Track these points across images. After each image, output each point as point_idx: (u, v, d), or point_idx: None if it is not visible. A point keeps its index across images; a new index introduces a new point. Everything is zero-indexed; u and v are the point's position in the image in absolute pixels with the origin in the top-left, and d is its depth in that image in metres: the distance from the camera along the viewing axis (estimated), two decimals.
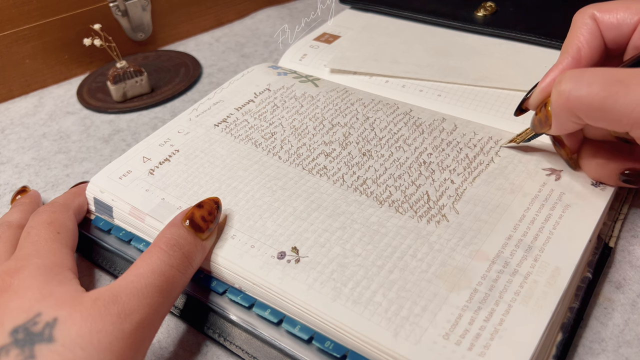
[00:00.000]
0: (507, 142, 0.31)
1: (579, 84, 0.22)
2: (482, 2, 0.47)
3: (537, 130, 0.27)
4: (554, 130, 0.26)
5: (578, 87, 0.22)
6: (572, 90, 0.23)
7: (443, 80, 0.39)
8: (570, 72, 0.23)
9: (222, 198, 0.29)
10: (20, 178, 0.40)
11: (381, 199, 0.28)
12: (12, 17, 0.47)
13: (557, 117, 0.25)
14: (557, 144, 0.29)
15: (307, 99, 0.37)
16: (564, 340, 0.23)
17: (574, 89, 0.23)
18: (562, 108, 0.23)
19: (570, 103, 0.23)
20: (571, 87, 0.23)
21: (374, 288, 0.24)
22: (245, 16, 0.61)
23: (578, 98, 0.22)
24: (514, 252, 0.25)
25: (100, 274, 0.31)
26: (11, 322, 0.21)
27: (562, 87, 0.23)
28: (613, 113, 0.22)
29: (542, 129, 0.27)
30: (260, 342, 0.25)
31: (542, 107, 0.26)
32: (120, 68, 0.45)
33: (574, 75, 0.23)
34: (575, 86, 0.23)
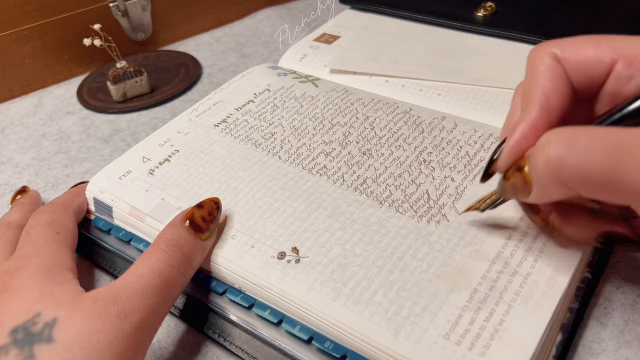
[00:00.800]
0: (468, 209, 0.26)
1: (573, 149, 0.18)
2: (482, 2, 0.47)
3: (508, 196, 0.23)
4: (534, 199, 0.21)
5: (573, 155, 0.18)
6: (565, 158, 0.18)
7: (443, 80, 0.39)
8: (558, 133, 0.19)
9: (222, 198, 0.29)
10: (20, 178, 0.40)
11: (381, 199, 0.28)
12: (12, 17, 0.47)
13: (541, 187, 0.20)
14: (530, 209, 0.25)
15: (307, 99, 0.37)
16: (563, 340, 0.23)
17: (569, 157, 0.18)
18: (552, 178, 0.19)
19: (564, 174, 0.18)
20: (564, 153, 0.18)
21: (374, 288, 0.24)
22: (245, 16, 0.61)
23: (574, 168, 0.18)
24: (514, 253, 0.25)
25: (100, 274, 0.31)
26: (11, 322, 0.21)
27: (552, 154, 0.19)
28: (619, 186, 0.18)
29: (516, 195, 0.22)
30: (260, 342, 0.25)
31: (515, 171, 0.21)
32: (120, 68, 0.45)
33: (564, 137, 0.19)
34: (569, 153, 0.18)
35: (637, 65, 0.21)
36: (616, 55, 0.21)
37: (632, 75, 0.21)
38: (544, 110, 0.21)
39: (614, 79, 0.22)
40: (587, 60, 0.22)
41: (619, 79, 0.21)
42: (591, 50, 0.22)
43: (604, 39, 0.22)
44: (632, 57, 0.21)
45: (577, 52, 0.22)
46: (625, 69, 0.21)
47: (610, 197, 0.19)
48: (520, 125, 0.21)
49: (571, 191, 0.19)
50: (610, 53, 0.21)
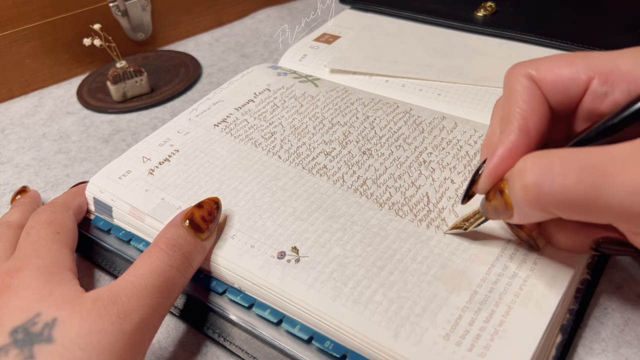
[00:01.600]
0: (452, 229, 0.26)
1: (549, 175, 0.18)
2: (482, 2, 0.47)
3: (491, 217, 0.23)
4: (516, 220, 0.21)
5: (549, 181, 0.18)
6: (542, 185, 0.19)
7: (443, 80, 0.39)
8: (532, 160, 0.19)
9: (222, 198, 0.29)
10: (20, 178, 0.40)
11: (381, 201, 0.28)
12: (12, 17, 0.47)
13: (522, 212, 0.20)
14: (514, 225, 0.25)
15: (307, 99, 0.37)
16: (563, 341, 0.23)
17: (545, 183, 0.18)
18: (531, 204, 0.19)
19: (542, 200, 0.19)
20: (540, 180, 0.19)
21: (374, 288, 0.24)
22: (245, 16, 0.61)
23: (551, 194, 0.18)
24: (513, 256, 0.25)
25: (100, 274, 0.31)
26: (11, 322, 0.21)
27: (529, 181, 0.19)
28: (597, 207, 0.18)
29: (498, 217, 0.22)
30: (260, 342, 0.25)
31: (496, 194, 0.22)
32: (120, 68, 0.45)
33: (539, 163, 0.19)
34: (545, 179, 0.18)
35: (612, 82, 0.21)
36: (591, 72, 0.21)
37: (608, 92, 0.21)
38: (522, 133, 0.21)
39: (590, 96, 0.22)
40: (562, 79, 0.22)
41: (595, 95, 0.21)
42: (566, 69, 0.22)
43: (578, 57, 0.22)
44: (607, 74, 0.21)
45: (552, 72, 0.22)
46: (601, 86, 0.21)
47: (589, 217, 0.19)
48: (500, 149, 0.21)
49: (550, 214, 0.19)
50: (586, 71, 0.21)
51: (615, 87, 0.21)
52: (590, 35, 0.41)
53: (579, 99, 0.22)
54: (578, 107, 0.22)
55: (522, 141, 0.21)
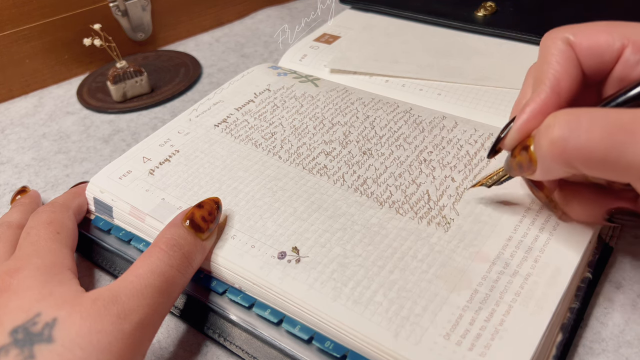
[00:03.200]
0: (476, 185, 0.27)
1: (576, 131, 0.19)
2: (482, 2, 0.47)
3: (514, 174, 0.24)
4: (538, 176, 0.22)
5: (576, 135, 0.19)
6: (569, 139, 0.19)
7: (443, 80, 0.39)
8: (562, 115, 0.20)
9: (223, 198, 0.29)
10: (20, 178, 0.40)
11: (381, 200, 0.28)
12: (12, 17, 0.47)
13: (545, 166, 0.21)
14: (534, 185, 0.25)
15: (307, 99, 0.37)
16: (564, 340, 0.23)
17: (572, 138, 0.19)
18: (556, 158, 0.20)
19: (567, 154, 0.19)
20: (567, 134, 0.19)
21: (375, 288, 0.24)
22: (245, 16, 0.61)
23: (576, 148, 0.19)
24: (514, 253, 0.25)
25: (100, 274, 0.31)
26: (11, 322, 0.21)
27: (556, 134, 0.20)
28: (619, 165, 0.18)
29: (521, 173, 0.23)
30: (260, 342, 0.25)
31: (521, 150, 0.22)
32: (120, 68, 0.45)
33: (568, 119, 0.20)
34: (572, 134, 0.19)
35: None
36: (626, 40, 0.22)
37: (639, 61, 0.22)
38: (553, 92, 0.22)
39: (622, 63, 0.22)
40: (598, 45, 0.22)
41: (627, 63, 0.22)
42: (603, 35, 0.22)
43: (616, 25, 0.23)
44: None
45: (589, 38, 0.23)
46: (634, 54, 0.22)
47: (611, 175, 0.19)
48: (530, 106, 0.22)
49: (574, 169, 0.20)
50: (621, 39, 0.22)
51: None
52: None
53: (612, 65, 0.23)
54: (610, 74, 0.23)
55: (552, 100, 0.22)
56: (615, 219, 0.23)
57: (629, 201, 0.23)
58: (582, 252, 0.25)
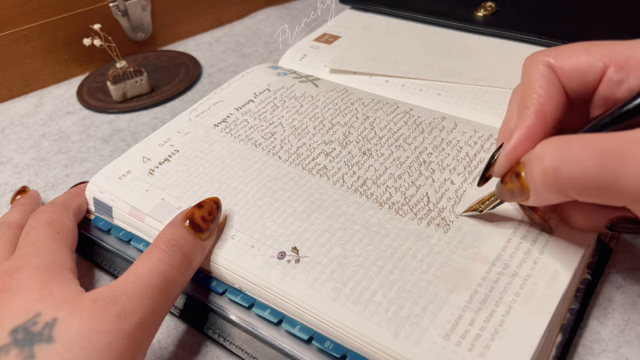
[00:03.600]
0: (468, 210, 0.27)
1: (567, 159, 0.19)
2: (482, 2, 0.47)
3: (506, 200, 0.24)
4: (532, 203, 0.22)
5: (567, 164, 0.19)
6: (560, 169, 0.19)
7: (443, 80, 0.39)
8: (551, 144, 0.20)
9: (222, 198, 0.29)
10: (20, 178, 0.40)
11: (381, 201, 0.28)
12: (12, 17, 0.47)
13: (538, 194, 0.21)
14: (528, 207, 0.25)
15: (307, 99, 0.37)
16: (563, 341, 0.23)
17: (563, 167, 0.19)
18: (549, 187, 0.20)
19: (559, 183, 0.19)
20: (558, 163, 0.19)
21: (374, 288, 0.24)
22: (245, 16, 0.61)
23: (568, 177, 0.19)
24: (513, 255, 0.25)
25: (100, 274, 0.31)
26: (11, 322, 0.21)
27: (547, 164, 0.20)
28: (612, 190, 0.18)
29: (513, 200, 0.23)
30: (260, 342, 0.25)
31: (512, 177, 0.22)
32: (120, 68, 0.45)
33: (557, 147, 0.20)
34: (563, 163, 0.19)
35: (627, 70, 0.22)
36: (608, 60, 0.22)
37: (623, 79, 0.22)
38: (539, 118, 0.22)
39: (606, 83, 0.22)
40: (580, 67, 0.22)
41: (611, 82, 0.22)
42: (584, 56, 0.22)
43: (595, 45, 0.23)
44: (623, 62, 0.22)
45: (570, 60, 0.23)
46: (617, 73, 0.22)
47: (606, 200, 0.19)
48: (517, 133, 0.22)
49: (568, 197, 0.20)
50: (602, 59, 0.22)
51: (631, 74, 0.22)
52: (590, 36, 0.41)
53: (595, 86, 0.23)
54: (594, 94, 0.23)
55: (538, 126, 0.22)
56: (617, 228, 0.23)
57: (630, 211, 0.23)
58: (581, 254, 0.25)
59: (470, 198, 0.28)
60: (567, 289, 0.23)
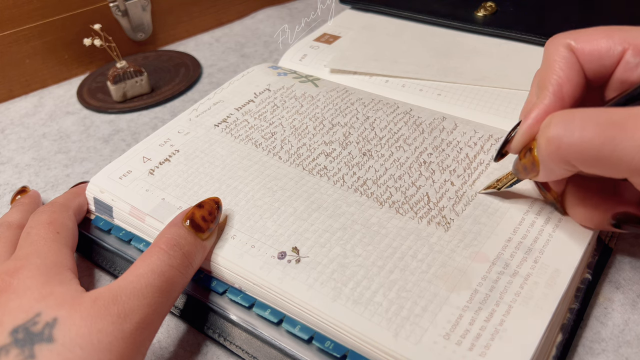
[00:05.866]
0: (486, 189, 0.28)
1: (570, 128, 0.20)
2: (482, 2, 0.47)
3: (521, 176, 0.25)
4: (542, 177, 0.23)
5: (570, 133, 0.20)
6: (563, 137, 0.20)
7: (443, 80, 0.39)
8: (558, 115, 0.21)
9: (223, 198, 0.29)
10: (20, 178, 0.40)
11: (381, 200, 0.28)
12: (13, 17, 0.47)
13: (546, 165, 0.22)
14: (542, 187, 0.26)
15: (307, 99, 0.37)
16: (563, 340, 0.23)
17: (566, 135, 0.20)
18: (552, 156, 0.21)
19: (562, 151, 0.20)
20: (561, 132, 0.20)
21: (375, 288, 0.24)
22: (245, 16, 0.61)
23: (570, 145, 0.20)
24: (514, 254, 0.25)
25: (100, 274, 0.31)
26: (11, 322, 0.21)
27: (551, 133, 0.21)
28: (611, 160, 0.19)
29: (527, 175, 0.24)
30: (260, 342, 0.25)
31: (526, 152, 0.23)
32: (120, 68, 0.45)
33: (562, 118, 0.21)
34: (566, 132, 0.20)
35: None
36: (627, 44, 0.23)
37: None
38: (556, 97, 0.23)
39: (623, 66, 0.23)
40: (599, 50, 0.23)
41: (628, 66, 0.23)
42: (603, 40, 0.23)
43: (616, 30, 0.23)
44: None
45: (590, 43, 0.23)
46: (634, 57, 0.23)
47: (606, 171, 0.20)
48: (534, 111, 0.23)
49: (572, 167, 0.21)
50: (622, 43, 0.23)
51: None
52: None
53: (613, 69, 0.23)
54: (611, 77, 0.24)
55: (556, 105, 0.23)
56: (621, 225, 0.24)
57: (635, 206, 0.23)
58: (582, 253, 0.25)
59: (471, 199, 0.28)
60: (568, 288, 0.23)
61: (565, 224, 0.26)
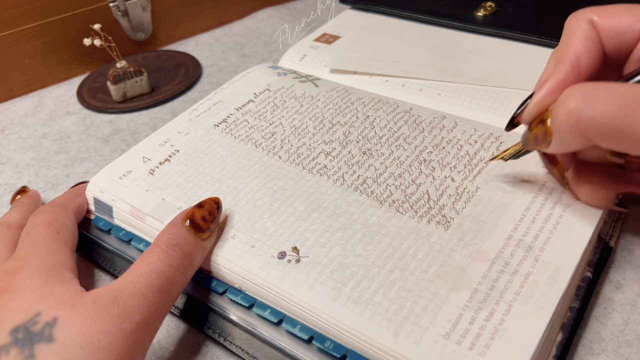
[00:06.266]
0: (493, 159, 0.29)
1: (592, 102, 0.20)
2: (482, 2, 0.47)
3: (530, 147, 0.25)
4: (553, 149, 0.23)
5: (591, 107, 0.20)
6: (584, 110, 0.20)
7: (443, 80, 0.39)
8: (579, 88, 0.21)
9: (223, 198, 0.29)
10: (20, 178, 0.40)
11: (381, 199, 0.28)
12: (12, 17, 0.47)
13: (560, 137, 0.22)
14: (549, 161, 0.26)
15: (307, 99, 0.37)
16: (564, 340, 0.23)
17: (587, 109, 0.20)
18: (571, 128, 0.21)
19: (582, 124, 0.20)
20: (583, 106, 0.20)
21: (375, 288, 0.24)
22: (245, 16, 0.61)
23: (591, 119, 0.20)
24: (514, 252, 0.25)
25: (100, 274, 0.31)
26: (11, 322, 0.21)
27: (572, 106, 0.21)
28: (631, 136, 0.19)
29: (537, 146, 0.24)
30: (260, 342, 0.25)
31: (538, 123, 0.24)
32: (120, 68, 0.45)
33: (585, 91, 0.20)
34: (587, 105, 0.20)
35: None
36: None
37: None
38: (573, 69, 0.23)
39: None
40: (620, 26, 0.23)
41: None
42: (625, 17, 0.23)
43: (637, 8, 0.23)
44: None
45: (612, 19, 0.24)
46: None
47: (623, 146, 0.20)
48: (549, 81, 0.23)
49: (588, 140, 0.21)
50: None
51: None
52: None
53: (633, 46, 0.24)
54: (630, 55, 0.24)
55: (571, 77, 0.23)
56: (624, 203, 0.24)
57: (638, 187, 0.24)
58: (582, 251, 0.25)
59: (471, 196, 0.28)
60: (568, 287, 0.23)
61: (566, 222, 0.26)
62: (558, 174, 0.26)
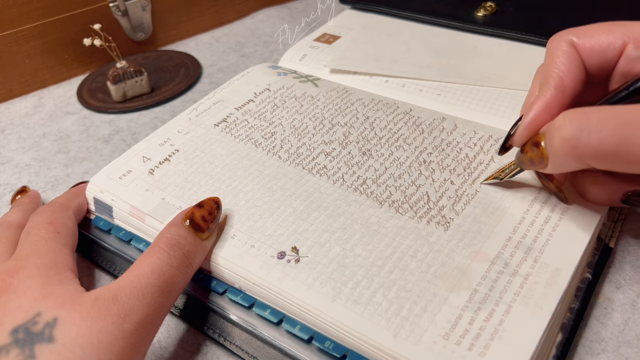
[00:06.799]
0: (489, 179, 0.29)
1: (586, 129, 0.20)
2: (482, 2, 0.47)
3: (525, 168, 0.26)
4: (549, 170, 0.24)
5: (587, 134, 0.20)
6: (580, 138, 0.21)
7: (443, 80, 0.39)
8: (571, 115, 0.21)
9: (222, 198, 0.29)
10: (20, 178, 0.40)
11: (381, 199, 0.28)
12: (13, 17, 0.47)
13: (557, 161, 0.23)
14: (544, 177, 0.27)
15: (307, 99, 0.37)
16: (563, 340, 0.23)
17: (582, 136, 0.20)
18: (568, 155, 0.21)
19: (579, 151, 0.21)
20: (579, 134, 0.21)
21: (374, 288, 0.24)
22: (245, 16, 0.61)
23: (587, 146, 0.20)
24: (513, 253, 0.25)
25: (100, 274, 0.31)
26: (11, 322, 0.21)
27: (567, 134, 0.21)
28: (628, 158, 0.20)
29: (533, 167, 0.25)
30: (260, 342, 0.25)
31: (532, 146, 0.24)
32: (120, 68, 0.45)
33: (577, 118, 0.21)
34: (582, 132, 0.20)
35: None
36: (627, 38, 0.23)
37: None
38: (558, 91, 0.24)
39: (624, 59, 0.24)
40: (600, 45, 0.24)
41: (629, 58, 0.23)
42: (604, 35, 0.24)
43: (616, 25, 0.24)
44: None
45: (592, 38, 0.24)
46: (635, 50, 0.23)
47: (622, 167, 0.21)
48: (536, 104, 0.24)
49: (585, 165, 0.21)
50: (622, 37, 0.24)
51: None
52: None
53: (615, 63, 0.24)
54: (613, 71, 0.25)
55: (557, 99, 0.24)
56: (631, 201, 0.25)
57: None
58: (582, 252, 0.25)
59: (470, 198, 0.28)
60: (568, 288, 0.23)
61: (566, 223, 0.26)
62: (554, 189, 0.27)
